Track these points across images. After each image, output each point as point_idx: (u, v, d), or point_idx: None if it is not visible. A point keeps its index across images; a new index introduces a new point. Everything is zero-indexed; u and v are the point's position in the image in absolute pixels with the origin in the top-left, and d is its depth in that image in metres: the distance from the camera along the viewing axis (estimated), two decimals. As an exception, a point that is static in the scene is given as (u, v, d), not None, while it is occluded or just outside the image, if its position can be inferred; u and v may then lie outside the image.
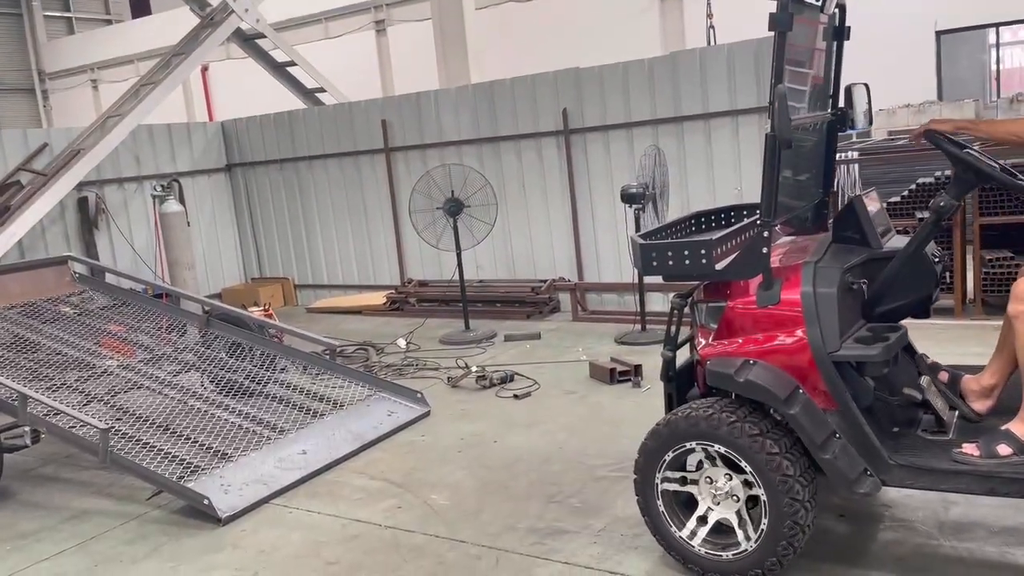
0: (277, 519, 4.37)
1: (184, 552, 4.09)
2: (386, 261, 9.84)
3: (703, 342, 3.40)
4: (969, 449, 3.02)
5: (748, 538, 3.18)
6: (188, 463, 4.70)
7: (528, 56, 15.60)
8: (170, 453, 4.79)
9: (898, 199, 7.18)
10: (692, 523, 3.31)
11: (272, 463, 4.84)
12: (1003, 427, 3.05)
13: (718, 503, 3.25)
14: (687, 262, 3.24)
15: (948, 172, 6.87)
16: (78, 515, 4.63)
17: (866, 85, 3.73)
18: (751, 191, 3.45)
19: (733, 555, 3.21)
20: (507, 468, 4.72)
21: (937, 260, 3.41)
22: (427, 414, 5.72)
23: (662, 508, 3.34)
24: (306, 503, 4.52)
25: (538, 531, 3.93)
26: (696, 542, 3.29)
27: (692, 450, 3.24)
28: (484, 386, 6.20)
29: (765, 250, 3.14)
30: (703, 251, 3.22)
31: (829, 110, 3.78)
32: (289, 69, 11.46)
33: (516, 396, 5.93)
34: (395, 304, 9.26)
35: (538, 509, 4.16)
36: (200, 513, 4.39)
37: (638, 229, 5.68)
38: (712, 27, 15.66)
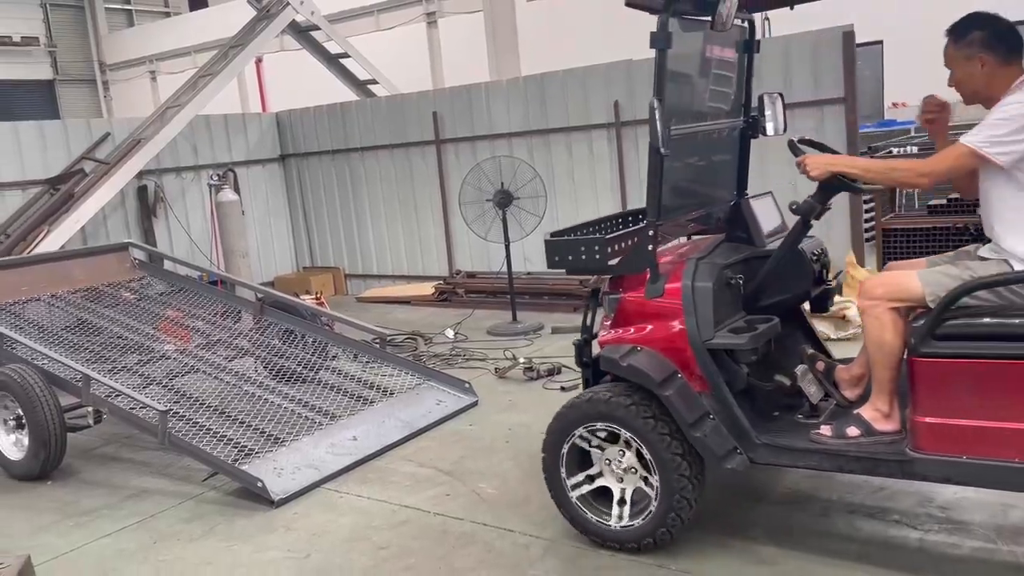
0: (328, 503, 4.45)
1: (239, 532, 4.20)
2: (435, 252, 9.92)
3: (604, 330, 3.68)
4: (824, 430, 3.30)
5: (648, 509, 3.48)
6: (242, 446, 4.82)
7: (579, 48, 15.50)
8: (225, 436, 4.91)
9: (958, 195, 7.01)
10: (617, 509, 3.57)
11: (324, 448, 4.93)
12: (855, 411, 3.31)
13: (621, 480, 3.55)
14: (583, 257, 3.58)
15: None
16: (137, 494, 4.78)
17: (780, 94, 3.92)
18: (805, 185, 3.48)
19: (642, 520, 3.50)
20: (554, 459, 4.73)
21: (816, 259, 3.70)
22: (475, 404, 5.77)
23: (564, 472, 3.62)
24: (356, 488, 4.59)
25: (585, 522, 3.94)
26: (615, 524, 3.57)
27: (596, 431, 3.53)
28: (531, 378, 6.23)
29: (651, 247, 3.43)
30: (597, 248, 3.54)
31: (742, 118, 3.99)
32: (342, 61, 11.60)
33: (563, 388, 5.93)
34: (443, 295, 9.33)
35: (585, 501, 4.16)
36: (254, 495, 4.50)
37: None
38: (767, 18, 15.38)
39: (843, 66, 7.03)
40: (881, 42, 15.41)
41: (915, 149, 8.38)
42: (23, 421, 5.01)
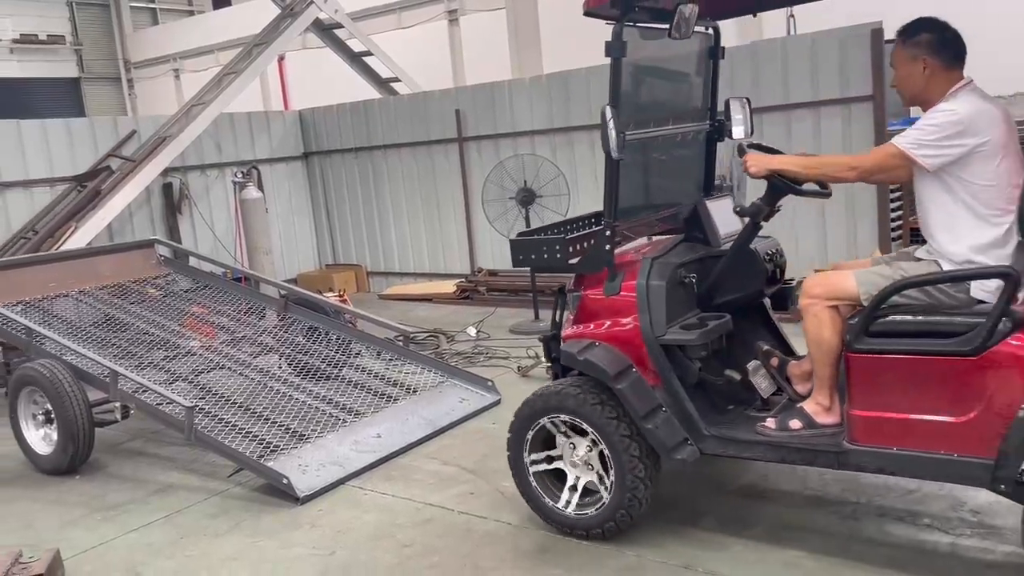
0: (353, 500, 4.46)
1: (264, 528, 4.22)
2: (457, 250, 9.92)
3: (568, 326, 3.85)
4: (769, 423, 3.46)
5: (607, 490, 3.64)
6: (267, 442, 4.84)
7: (603, 45, 15.45)
8: (250, 432, 4.93)
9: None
10: (567, 494, 3.76)
11: (348, 445, 4.94)
12: (799, 405, 3.47)
13: (578, 468, 3.73)
14: (545, 256, 3.74)
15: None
16: (164, 489, 4.81)
17: (747, 99, 4.04)
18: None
19: (594, 511, 3.68)
20: (579, 459, 4.72)
21: (769, 259, 3.82)
22: (498, 402, 5.75)
23: (532, 478, 3.83)
24: (381, 486, 4.60)
25: (610, 522, 3.92)
26: (563, 507, 3.77)
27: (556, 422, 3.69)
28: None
29: (608, 247, 3.57)
30: (558, 248, 3.71)
31: (708, 122, 4.13)
32: (364, 59, 11.63)
33: (587, 387, 5.91)
34: (465, 293, 9.33)
35: (610, 501, 4.14)
36: (279, 491, 4.51)
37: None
38: (792, 15, 15.22)
39: (871, 63, 6.94)
40: (907, 39, 15.21)
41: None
42: (52, 416, 5.06)
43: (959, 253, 3.09)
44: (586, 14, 3.52)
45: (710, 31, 4.02)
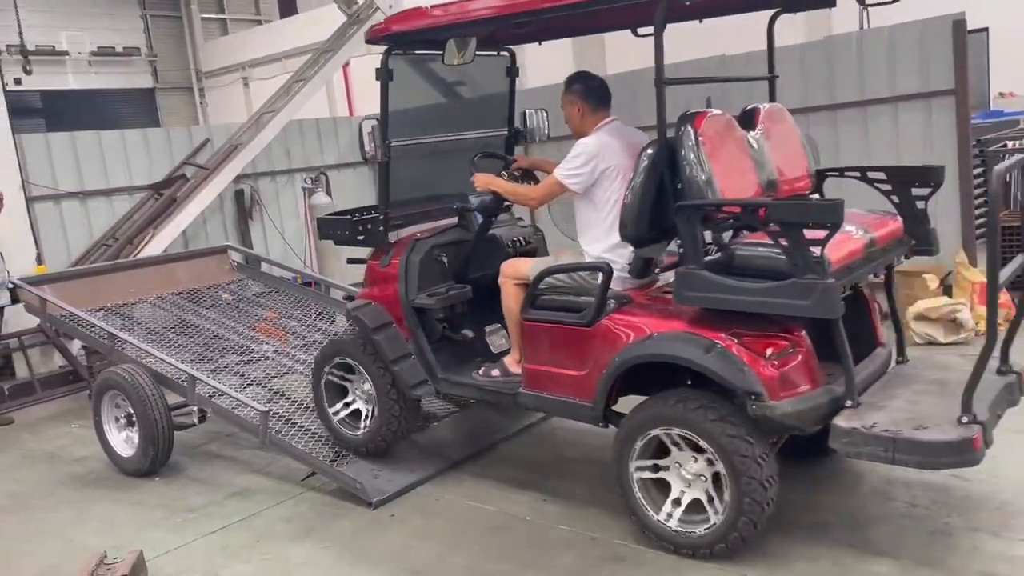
0: (425, 506, 4.46)
1: (338, 533, 4.25)
2: (522, 253, 9.87)
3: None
4: (480, 371, 4.38)
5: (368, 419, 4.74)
6: (340, 447, 4.87)
7: (670, 44, 15.22)
8: (323, 437, 4.98)
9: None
10: (364, 423, 4.77)
11: (419, 450, 4.94)
12: (502, 358, 4.35)
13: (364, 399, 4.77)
14: (339, 233, 4.69)
15: None
16: (240, 492, 4.89)
17: (546, 110, 4.98)
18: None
19: (361, 432, 4.76)
20: (651, 466, 4.64)
21: (512, 244, 4.72)
22: (567, 407, 5.70)
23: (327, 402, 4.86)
24: (452, 491, 4.59)
25: (687, 533, 3.83)
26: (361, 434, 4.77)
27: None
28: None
29: (381, 228, 4.50)
30: (348, 227, 4.62)
31: (507, 129, 5.10)
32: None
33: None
34: (531, 296, 9.26)
35: (686, 510, 4.05)
36: (352, 496, 4.55)
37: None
38: (866, 9, 14.75)
39: (953, 56, 6.67)
40: (987, 29, 14.64)
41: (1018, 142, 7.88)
42: (133, 419, 5.20)
43: (595, 252, 3.95)
44: (367, 42, 4.37)
45: (503, 54, 4.91)
